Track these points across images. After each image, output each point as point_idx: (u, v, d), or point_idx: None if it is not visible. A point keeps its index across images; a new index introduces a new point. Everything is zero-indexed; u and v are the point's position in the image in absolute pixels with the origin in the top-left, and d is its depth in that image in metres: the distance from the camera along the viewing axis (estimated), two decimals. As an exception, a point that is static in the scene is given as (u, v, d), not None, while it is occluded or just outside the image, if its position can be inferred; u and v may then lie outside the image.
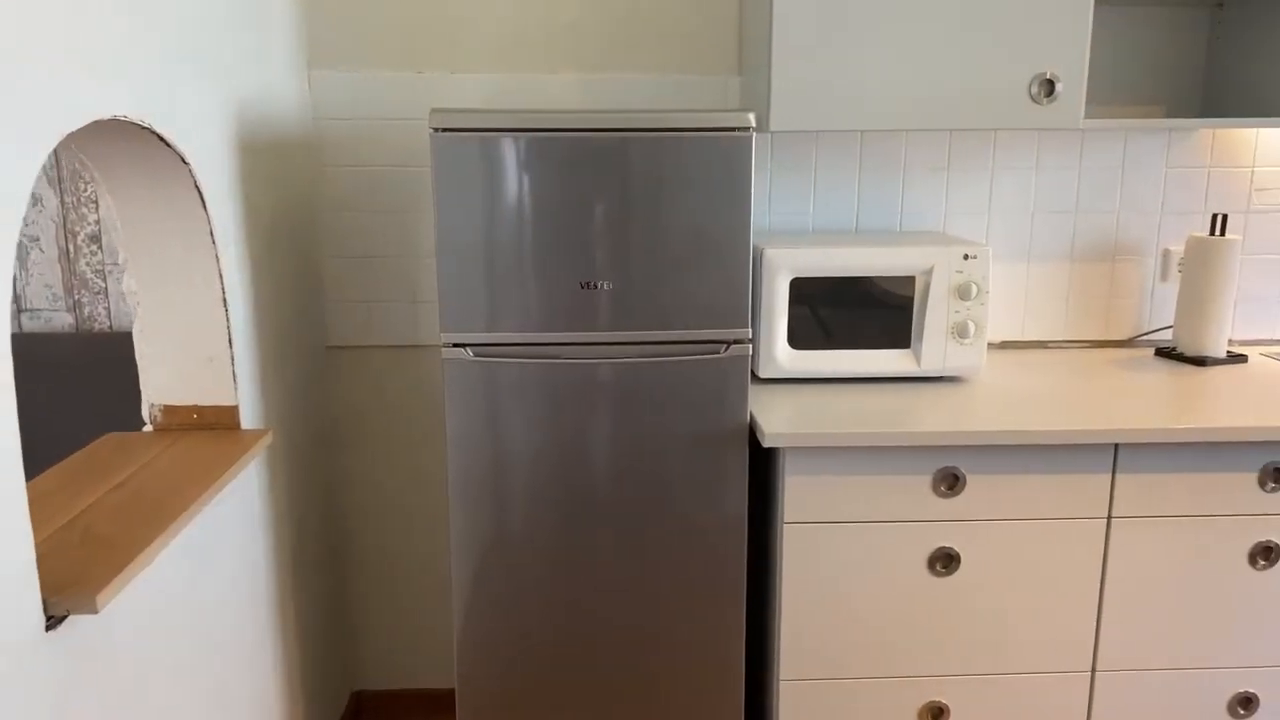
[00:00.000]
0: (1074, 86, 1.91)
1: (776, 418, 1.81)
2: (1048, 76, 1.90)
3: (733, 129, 1.71)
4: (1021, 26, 1.88)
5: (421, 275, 2.27)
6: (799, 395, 1.97)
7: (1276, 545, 1.85)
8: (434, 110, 1.67)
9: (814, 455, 1.78)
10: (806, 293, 2.00)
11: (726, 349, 1.79)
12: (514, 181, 1.69)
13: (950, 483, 1.80)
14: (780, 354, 2.02)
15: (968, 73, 1.90)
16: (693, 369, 1.79)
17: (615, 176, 1.71)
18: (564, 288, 1.73)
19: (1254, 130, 2.28)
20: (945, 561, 1.84)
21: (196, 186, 1.59)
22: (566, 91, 2.21)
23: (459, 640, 1.88)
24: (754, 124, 1.71)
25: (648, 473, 1.82)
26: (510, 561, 1.85)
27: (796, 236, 2.18)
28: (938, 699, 1.90)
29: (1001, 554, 1.84)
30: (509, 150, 1.68)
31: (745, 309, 1.78)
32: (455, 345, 1.75)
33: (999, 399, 1.93)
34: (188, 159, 1.55)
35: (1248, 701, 1.92)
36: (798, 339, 2.02)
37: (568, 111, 1.69)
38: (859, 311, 2.02)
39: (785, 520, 1.81)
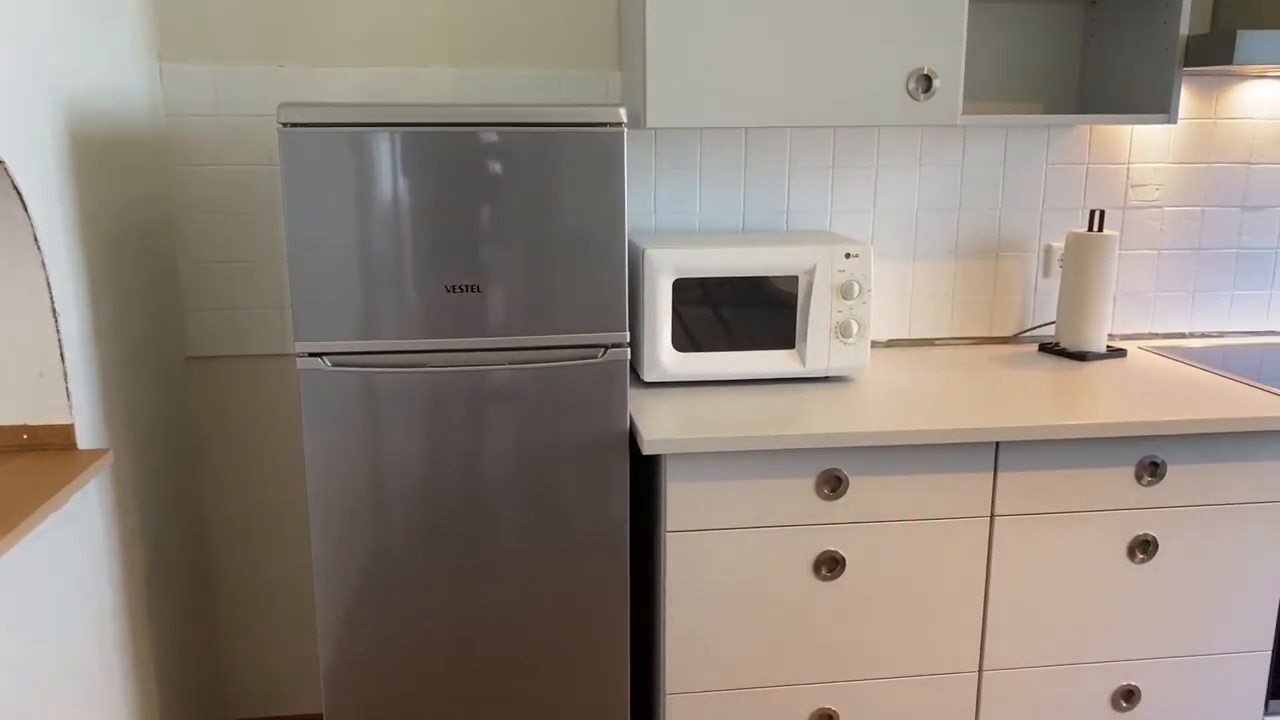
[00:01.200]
0: (951, 83, 1.89)
1: (658, 423, 1.76)
2: (925, 72, 1.88)
3: (604, 124, 1.64)
4: (897, 22, 1.86)
5: (289, 281, 2.15)
6: (683, 399, 1.91)
7: (1154, 539, 1.87)
8: (282, 105, 1.56)
9: (696, 461, 1.73)
10: (690, 294, 1.95)
11: (604, 353, 1.73)
12: (372, 179, 1.60)
13: (833, 485, 1.77)
14: (664, 357, 1.96)
15: (846, 69, 1.87)
16: (569, 375, 1.72)
17: (482, 174, 1.62)
18: (429, 291, 1.64)
19: (1129, 127, 2.31)
20: (830, 565, 1.80)
21: (15, 186, 1.45)
22: (439, 85, 2.12)
23: (325, 666, 1.77)
24: (625, 119, 1.65)
25: (525, 484, 1.74)
26: (378, 581, 1.75)
27: (681, 236, 2.13)
28: (827, 705, 1.86)
29: (886, 556, 1.81)
30: (366, 146, 1.58)
31: (622, 311, 1.72)
32: (312, 355, 1.64)
33: (883, 399, 1.91)
34: (2, 156, 1.41)
35: (1130, 694, 1.93)
36: (682, 341, 1.96)
37: (430, 105, 1.60)
38: (744, 312, 1.97)
39: (668, 529, 1.75)
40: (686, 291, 1.94)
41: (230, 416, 2.21)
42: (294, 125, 1.56)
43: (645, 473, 1.89)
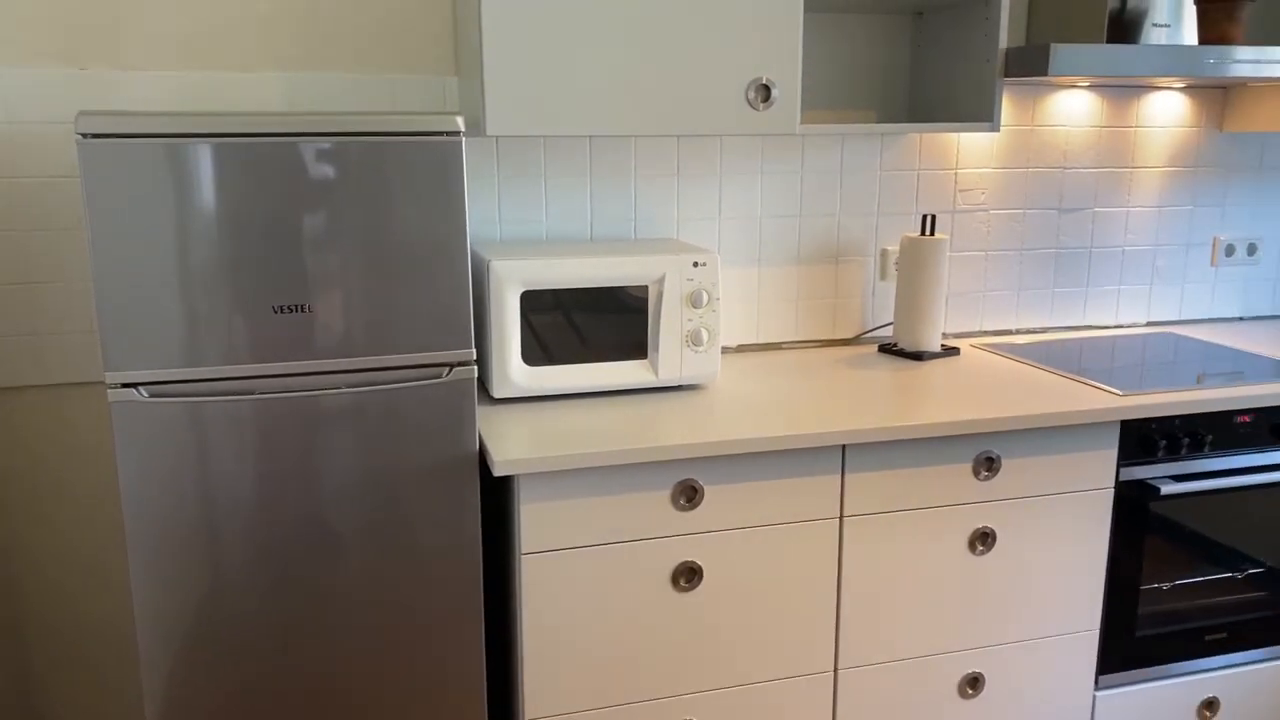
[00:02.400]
0: (789, 92, 1.92)
1: (509, 442, 1.70)
2: (764, 82, 1.90)
3: (441, 133, 1.58)
4: (736, 32, 1.87)
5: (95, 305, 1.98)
6: (536, 415, 1.86)
7: (992, 531, 1.95)
8: (81, 114, 1.42)
9: (549, 480, 1.68)
10: (540, 305, 1.90)
11: (450, 371, 1.66)
12: (187, 194, 1.48)
13: (689, 495, 1.76)
14: (514, 372, 1.91)
15: (687, 78, 1.86)
16: (413, 396, 1.64)
17: (310, 186, 1.53)
18: (255, 313, 1.53)
19: (956, 134, 2.41)
20: (689, 576, 1.79)
21: None
22: (264, 91, 1.99)
23: (153, 712, 1.63)
24: (463, 127, 1.58)
25: (369, 514, 1.65)
26: (209, 623, 1.62)
27: (528, 247, 2.08)
28: (689, 717, 1.85)
29: (742, 563, 1.82)
30: (179, 159, 1.46)
31: (468, 326, 1.65)
32: (125, 385, 1.51)
33: (735, 406, 1.91)
34: None
35: (975, 681, 2.01)
36: (533, 355, 1.91)
37: (251, 114, 1.49)
38: (596, 323, 1.94)
39: (523, 551, 1.70)
40: (536, 303, 1.90)
41: (37, 452, 2.01)
42: (95, 136, 1.42)
43: (499, 493, 1.83)
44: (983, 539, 1.95)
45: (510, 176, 2.17)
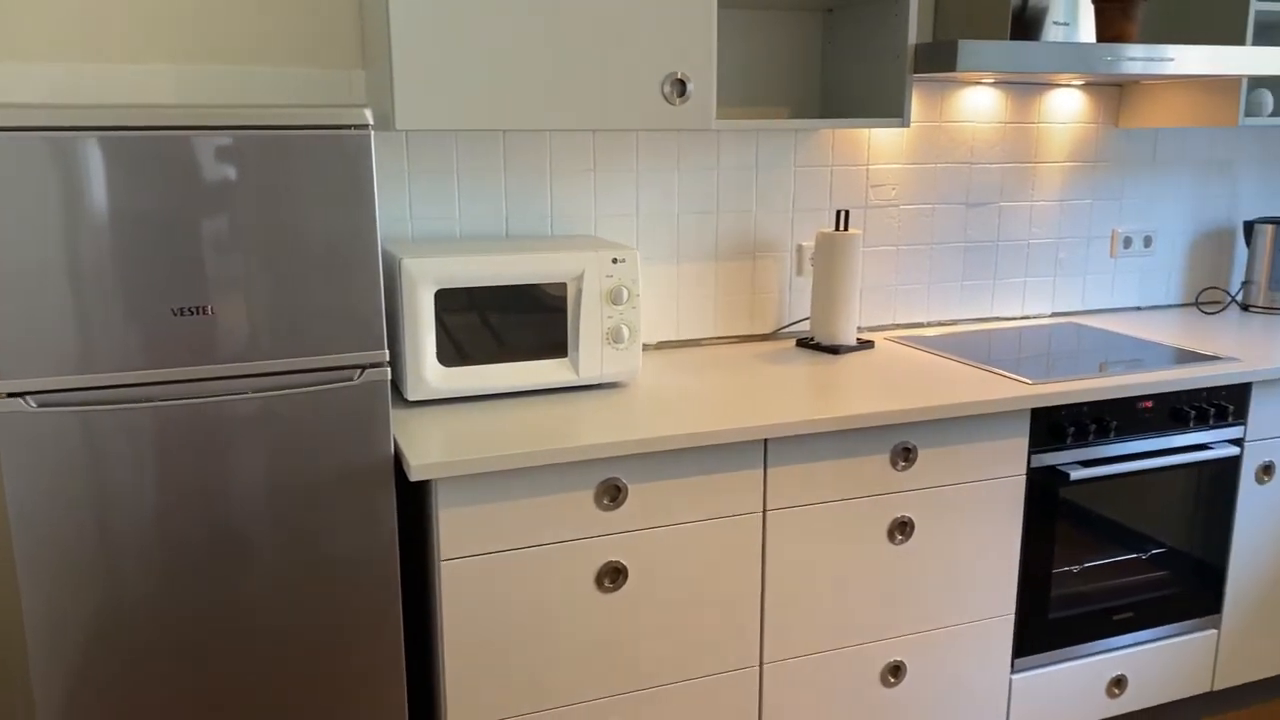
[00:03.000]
0: (704, 87, 1.91)
1: (426, 446, 1.65)
2: (679, 77, 1.89)
3: (348, 127, 1.52)
4: (650, 27, 1.85)
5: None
6: (453, 417, 1.82)
7: (910, 520, 1.97)
8: (-46, 103, 1.33)
9: (468, 483, 1.64)
10: (454, 305, 1.85)
11: (362, 374, 1.60)
12: (74, 192, 1.39)
13: (613, 495, 1.74)
14: (429, 373, 1.85)
15: (601, 72, 1.84)
16: (323, 400, 1.58)
17: (209, 183, 1.45)
18: (151, 316, 1.45)
19: (868, 130, 2.44)
20: (613, 576, 1.77)
21: None
22: (157, 84, 1.90)
23: (51, 752, 1.53)
24: (371, 121, 1.53)
25: (280, 524, 1.58)
26: (109, 643, 1.53)
27: (441, 244, 2.02)
28: (615, 719, 1.83)
29: (667, 561, 1.80)
30: (62, 153, 1.38)
31: (380, 327, 1.60)
32: (10, 395, 1.41)
33: (657, 403, 1.90)
34: None
35: (897, 669, 2.04)
36: (449, 355, 1.86)
37: (144, 106, 1.42)
38: (513, 322, 1.90)
39: (442, 557, 1.65)
40: (450, 303, 1.85)
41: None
42: (-31, 128, 1.33)
43: (416, 498, 1.78)
44: (902, 528, 1.97)
45: (421, 172, 2.11)
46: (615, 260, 1.94)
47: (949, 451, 1.98)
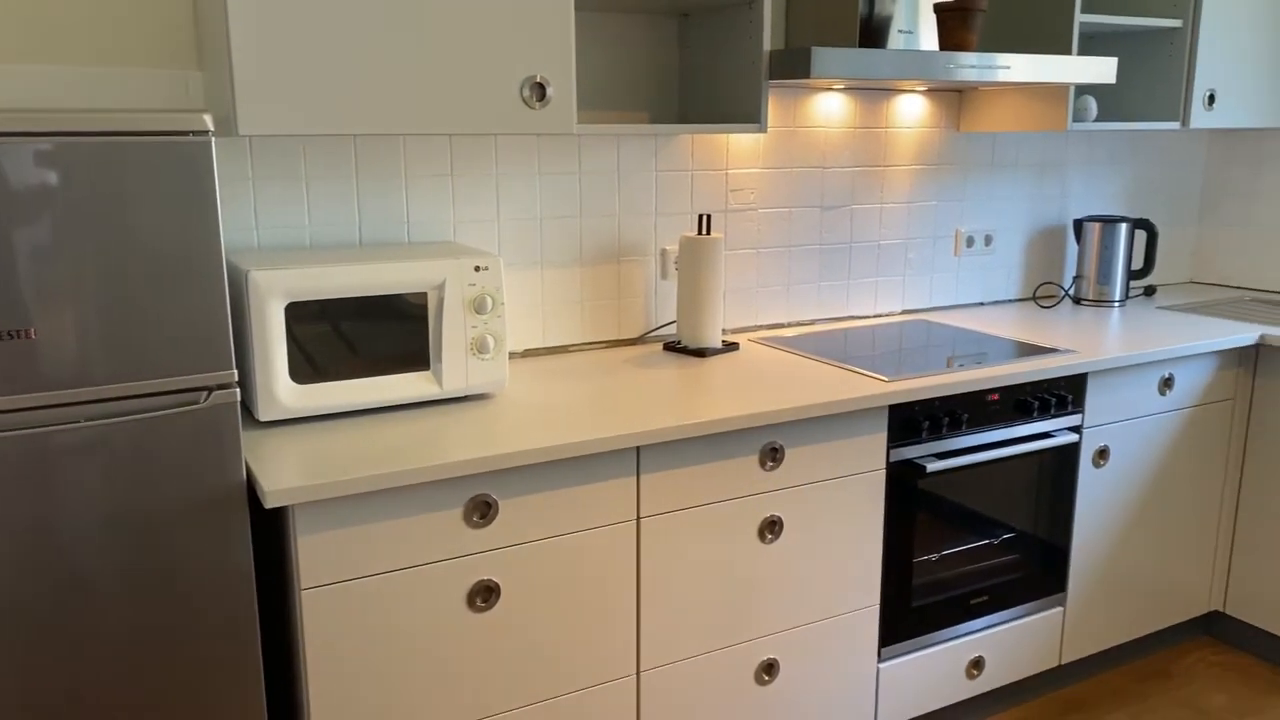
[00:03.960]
0: (564, 91, 1.88)
1: (281, 470, 1.56)
2: (538, 80, 1.85)
3: (186, 133, 1.42)
4: (508, 29, 1.81)
5: None
6: (310, 437, 1.72)
7: (780, 518, 2.00)
8: None
9: (328, 507, 1.56)
10: (308, 318, 1.76)
11: (209, 395, 1.50)
12: None
13: (483, 511, 1.69)
14: (282, 392, 1.75)
15: (458, 75, 1.78)
16: (166, 425, 1.47)
17: (29, 193, 1.33)
18: (-37, 342, 1.32)
19: (726, 135, 2.47)
20: (485, 595, 1.72)
21: None
22: (-38, 84, 1.73)
23: None
24: (212, 126, 1.43)
25: (122, 562, 1.46)
26: (-74, 710, 1.38)
27: (291, 255, 1.92)
28: (493, 740, 1.79)
29: (541, 576, 1.77)
30: None
31: (226, 345, 1.50)
32: None
33: (525, 414, 1.86)
34: None
35: (770, 667, 2.07)
36: (303, 372, 1.77)
37: (-57, 109, 1.28)
38: (371, 334, 1.82)
39: (302, 586, 1.56)
40: (302, 316, 1.76)
41: None
42: None
43: (273, 524, 1.68)
44: (771, 527, 2.00)
45: (267, 179, 2.00)
46: (477, 268, 1.89)
47: (814, 450, 2.02)
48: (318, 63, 1.66)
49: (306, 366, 1.77)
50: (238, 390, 1.52)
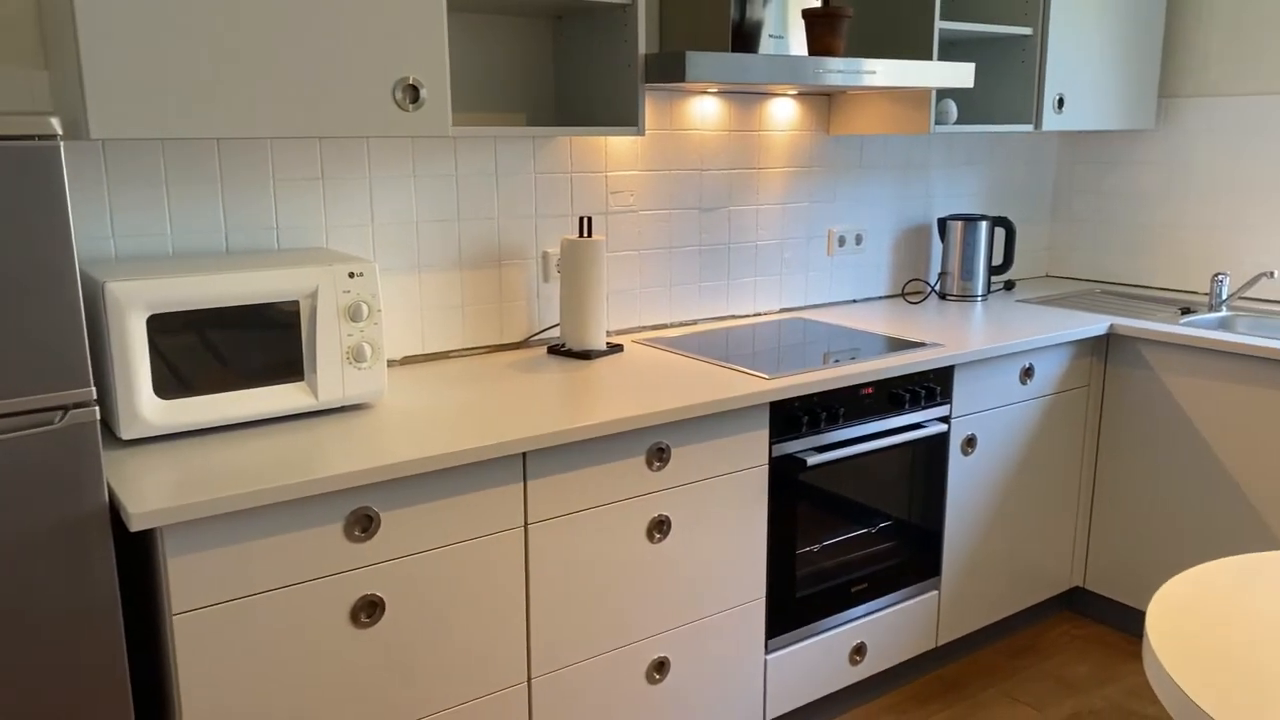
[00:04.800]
0: (438, 93, 1.85)
1: (147, 491, 1.48)
2: (411, 82, 1.82)
3: (30, 137, 1.33)
4: (378, 30, 1.77)
5: None
6: (179, 455, 1.64)
7: (667, 518, 2.02)
8: None
9: (199, 528, 1.49)
10: (171, 330, 1.68)
11: (64, 415, 1.41)
12: None
13: (365, 525, 1.65)
14: (146, 409, 1.67)
15: (326, 76, 1.73)
16: (18, 448, 1.37)
17: None
18: None
19: (604, 138, 2.47)
20: (370, 610, 1.68)
21: None
22: None
23: None
24: (59, 130, 1.35)
25: (-34, 594, 1.36)
26: None
27: (152, 264, 1.83)
28: (382, 758, 1.74)
29: (427, 588, 1.73)
30: None
31: (83, 361, 1.42)
32: None
33: (407, 423, 1.82)
34: None
35: (661, 665, 2.08)
36: (169, 387, 1.69)
37: None
38: (241, 345, 1.75)
39: (173, 612, 1.49)
40: (166, 328, 1.67)
41: None
42: None
43: (140, 548, 1.60)
44: (659, 527, 2.02)
45: (123, 184, 1.90)
46: (352, 274, 1.84)
47: (699, 448, 2.04)
48: (175, 62, 1.59)
49: (172, 381, 1.69)
50: (96, 409, 1.44)
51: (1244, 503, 2.56)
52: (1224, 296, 2.97)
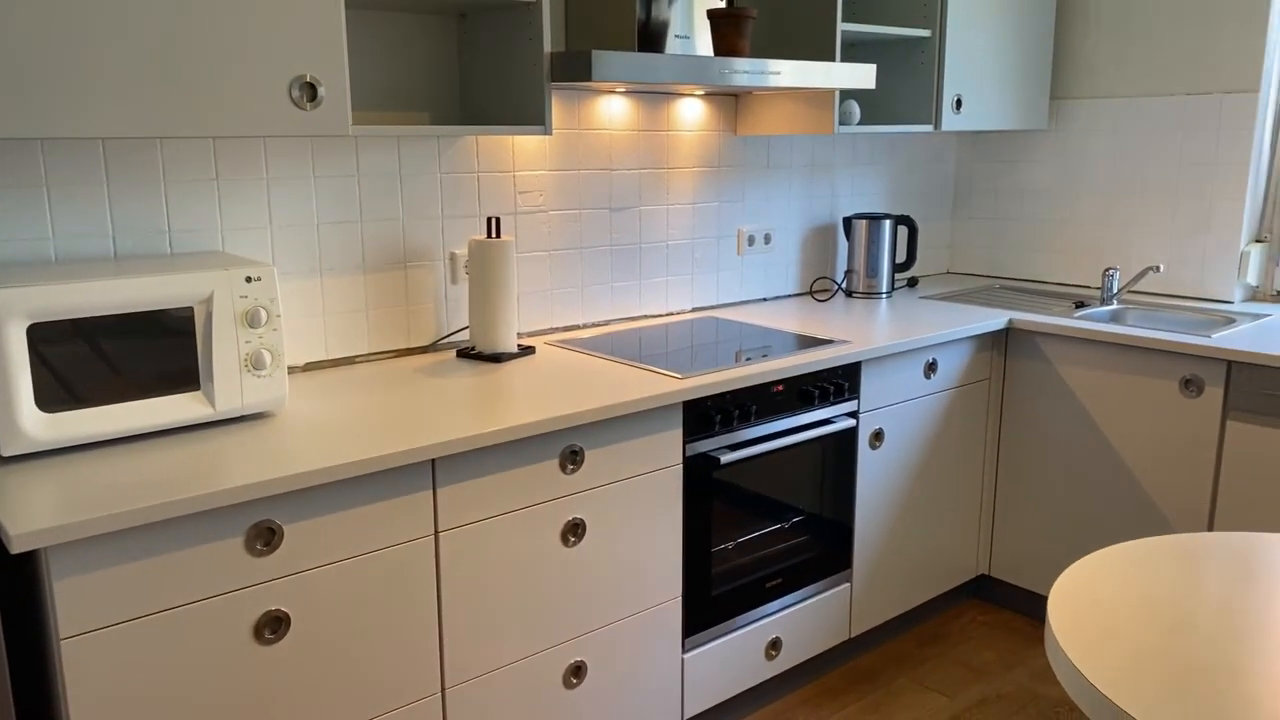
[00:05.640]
0: (337, 91, 1.80)
1: (30, 509, 1.40)
2: (308, 80, 1.76)
3: (-111, 136, 1.24)
4: (273, 25, 1.71)
5: None
6: (65, 470, 1.56)
7: (582, 521, 2.01)
8: None
9: (88, 547, 1.42)
10: (56, 339, 1.59)
11: (-66, 432, 1.32)
12: None
13: (266, 538, 1.59)
14: (27, 422, 1.58)
15: (217, 73, 1.67)
16: (-119, 469, 1.28)
17: None
18: None
19: (512, 137, 2.44)
20: (274, 626, 1.62)
21: None
22: None
23: None
24: (-78, 129, 1.27)
25: None
26: None
27: (32, 270, 1.73)
28: (290, 779, 1.68)
29: (334, 601, 1.68)
30: None
31: (-46, 376, 1.33)
32: None
33: (310, 432, 1.76)
34: None
35: (578, 669, 2.07)
36: (53, 398, 1.60)
37: None
38: (133, 354, 1.67)
39: (61, 636, 1.41)
40: (50, 337, 1.59)
41: None
42: None
43: (24, 569, 1.51)
44: (574, 530, 2.00)
45: (1, 186, 1.80)
46: (249, 278, 1.77)
47: (613, 450, 2.03)
48: (55, 56, 1.51)
49: (58, 392, 1.61)
50: (-30, 424, 1.35)
51: (1138, 488, 2.68)
52: (1115, 290, 3.10)
